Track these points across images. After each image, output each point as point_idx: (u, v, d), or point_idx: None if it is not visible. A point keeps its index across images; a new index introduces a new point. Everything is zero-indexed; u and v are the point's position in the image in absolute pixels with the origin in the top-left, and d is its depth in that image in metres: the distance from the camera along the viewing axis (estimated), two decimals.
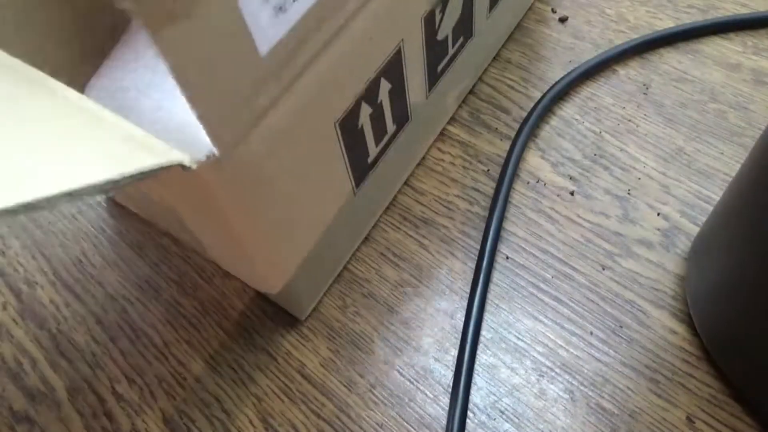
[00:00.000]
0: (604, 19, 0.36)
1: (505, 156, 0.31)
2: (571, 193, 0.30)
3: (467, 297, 0.27)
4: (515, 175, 0.31)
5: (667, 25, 0.35)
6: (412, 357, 0.26)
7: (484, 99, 0.34)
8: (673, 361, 0.25)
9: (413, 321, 0.27)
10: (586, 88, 0.34)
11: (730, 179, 0.27)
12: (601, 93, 0.33)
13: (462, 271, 0.28)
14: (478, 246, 0.29)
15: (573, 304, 0.27)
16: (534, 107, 0.32)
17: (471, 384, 0.25)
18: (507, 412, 0.24)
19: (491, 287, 0.28)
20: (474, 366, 0.26)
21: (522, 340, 0.26)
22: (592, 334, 0.26)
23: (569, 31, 0.36)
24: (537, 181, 0.30)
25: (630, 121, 0.32)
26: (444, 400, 0.25)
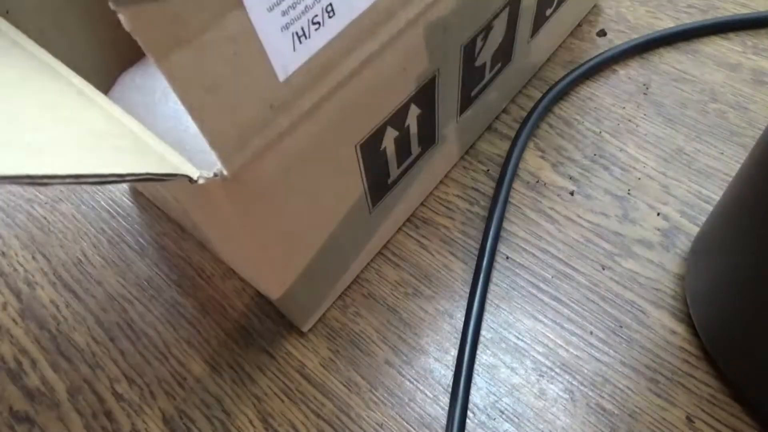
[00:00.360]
0: (604, 18, 0.36)
1: (505, 156, 0.31)
2: (571, 193, 0.30)
3: (467, 297, 0.27)
4: (515, 175, 0.31)
5: (667, 25, 0.35)
6: (412, 357, 0.26)
7: None
8: (673, 361, 0.25)
9: (413, 321, 0.27)
10: (586, 88, 0.34)
11: (730, 179, 0.27)
12: (601, 93, 0.33)
13: (462, 271, 0.28)
14: (478, 246, 0.29)
15: (573, 304, 0.27)
16: (534, 107, 0.32)
17: (471, 384, 0.25)
18: (507, 412, 0.24)
19: (491, 287, 0.28)
20: (474, 366, 0.26)
21: (522, 340, 0.26)
22: (592, 334, 0.26)
23: (572, 32, 0.36)
24: (537, 181, 0.30)
25: (630, 121, 0.32)
26: (444, 400, 0.25)
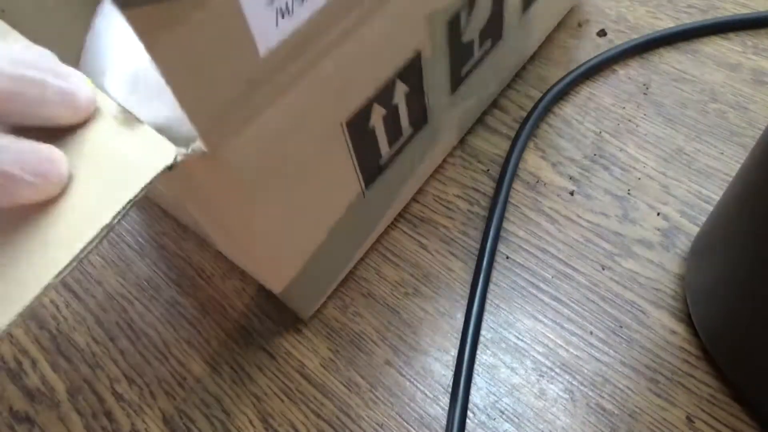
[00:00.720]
0: (604, 18, 0.36)
1: (505, 156, 0.31)
2: (571, 193, 0.30)
3: (467, 297, 0.27)
4: (515, 175, 0.31)
5: (667, 25, 0.35)
6: (412, 357, 0.26)
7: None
8: (673, 360, 0.25)
9: (413, 321, 0.27)
10: (586, 88, 0.34)
11: (730, 179, 0.27)
12: (601, 93, 0.33)
13: (462, 271, 0.28)
14: (478, 246, 0.29)
15: (573, 304, 0.27)
16: (534, 107, 0.32)
17: (471, 384, 0.25)
18: (507, 412, 0.24)
19: (491, 287, 0.28)
20: (474, 366, 0.26)
21: (522, 340, 0.26)
22: (592, 334, 0.26)
23: (569, 31, 0.36)
24: (537, 181, 0.30)
25: (630, 121, 0.32)
26: (444, 400, 0.25)
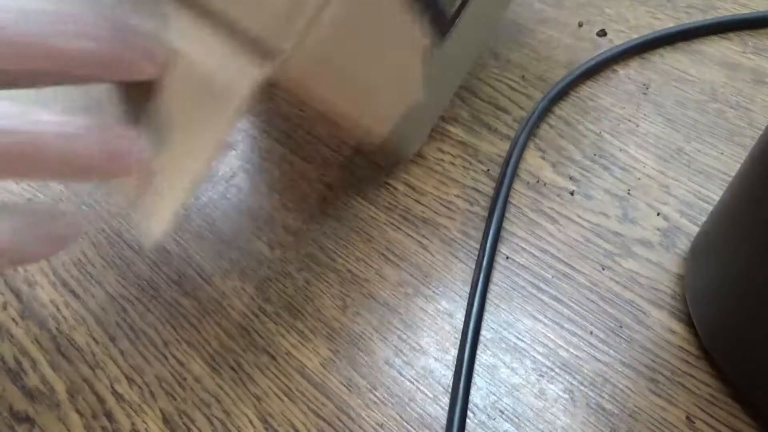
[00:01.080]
0: (604, 18, 0.36)
1: (505, 156, 0.31)
2: (571, 193, 0.30)
3: (467, 297, 0.27)
4: (515, 175, 0.31)
5: (667, 25, 0.35)
6: (412, 357, 0.26)
7: (484, 99, 0.34)
8: (673, 360, 0.25)
9: (413, 321, 0.27)
10: (586, 88, 0.34)
11: (730, 179, 0.27)
12: (601, 93, 0.33)
13: (462, 271, 0.28)
14: (478, 246, 0.29)
15: (573, 304, 0.27)
16: (534, 107, 0.32)
17: (471, 384, 0.25)
18: (507, 412, 0.24)
19: (491, 287, 0.28)
20: (474, 366, 0.26)
21: (522, 340, 0.26)
22: (592, 334, 0.26)
23: (569, 31, 0.36)
24: (537, 181, 0.30)
25: (630, 121, 0.32)
26: (444, 400, 0.25)
